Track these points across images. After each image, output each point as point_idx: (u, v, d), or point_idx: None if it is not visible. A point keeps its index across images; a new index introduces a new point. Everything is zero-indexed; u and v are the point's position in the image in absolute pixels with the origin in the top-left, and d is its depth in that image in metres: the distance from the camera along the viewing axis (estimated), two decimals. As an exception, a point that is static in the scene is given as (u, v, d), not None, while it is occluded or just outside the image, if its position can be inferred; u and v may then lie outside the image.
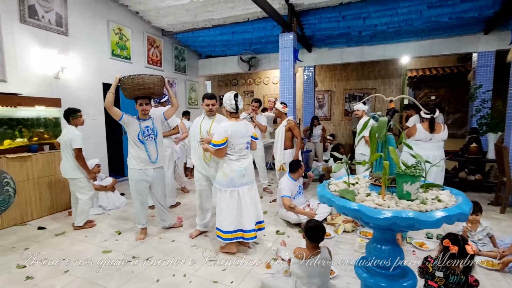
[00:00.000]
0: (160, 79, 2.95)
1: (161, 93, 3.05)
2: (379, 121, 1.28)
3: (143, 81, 2.83)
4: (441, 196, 1.33)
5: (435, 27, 5.20)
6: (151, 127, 3.04)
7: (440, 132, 3.49)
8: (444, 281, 1.71)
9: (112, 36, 5.41)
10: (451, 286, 1.71)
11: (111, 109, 2.97)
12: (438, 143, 3.53)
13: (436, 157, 3.42)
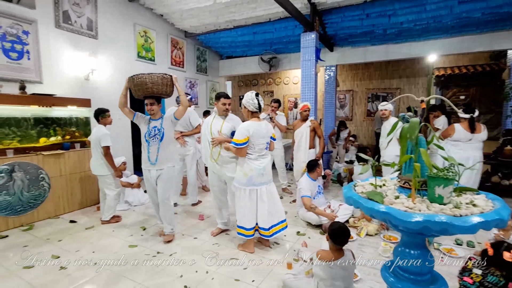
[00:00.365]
0: (162, 77, 2.81)
1: (166, 92, 2.91)
2: (410, 122, 1.24)
3: (141, 81, 2.78)
4: (477, 200, 1.28)
5: (466, 23, 4.94)
6: (158, 127, 2.94)
7: (480, 132, 3.43)
8: (481, 278, 1.67)
9: (138, 39, 5.61)
10: (487, 285, 1.65)
11: (123, 110, 3.04)
12: (478, 144, 3.46)
13: (476, 158, 3.39)
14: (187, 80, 7.02)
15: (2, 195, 3.27)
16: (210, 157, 2.98)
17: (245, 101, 2.72)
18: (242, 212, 2.76)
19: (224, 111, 2.95)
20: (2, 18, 3.63)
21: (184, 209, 4.14)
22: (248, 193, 2.73)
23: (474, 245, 2.88)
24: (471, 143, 3.43)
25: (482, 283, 1.66)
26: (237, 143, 2.63)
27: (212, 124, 2.98)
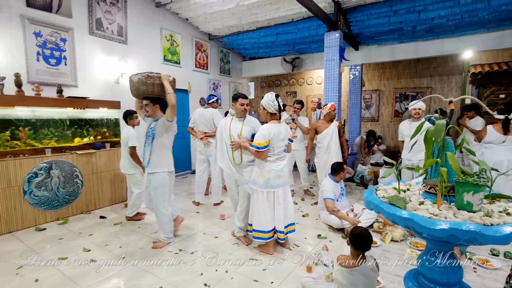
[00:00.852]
0: (146, 76, 2.65)
1: (153, 91, 2.74)
2: (436, 124, 1.18)
3: (131, 82, 2.76)
4: (511, 209, 1.18)
5: (505, 16, 4.58)
6: (153, 129, 2.88)
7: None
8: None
9: (164, 43, 5.82)
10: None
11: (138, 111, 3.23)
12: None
13: (511, 162, 3.25)
14: (210, 81, 7.17)
15: (41, 190, 3.54)
16: (232, 161, 2.87)
17: (265, 102, 2.68)
18: (259, 215, 2.73)
19: (243, 111, 2.88)
20: (43, 28, 3.93)
21: (207, 209, 4.22)
22: (265, 195, 2.71)
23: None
24: (505, 145, 3.31)
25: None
26: (259, 146, 2.59)
27: (231, 127, 2.88)
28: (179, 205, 4.40)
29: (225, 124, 2.94)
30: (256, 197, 2.75)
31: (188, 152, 6.66)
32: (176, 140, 6.30)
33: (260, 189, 2.71)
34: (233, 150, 2.84)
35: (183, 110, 6.57)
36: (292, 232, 2.90)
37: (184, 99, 6.56)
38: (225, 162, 2.93)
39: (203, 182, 4.37)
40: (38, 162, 3.52)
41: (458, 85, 6.93)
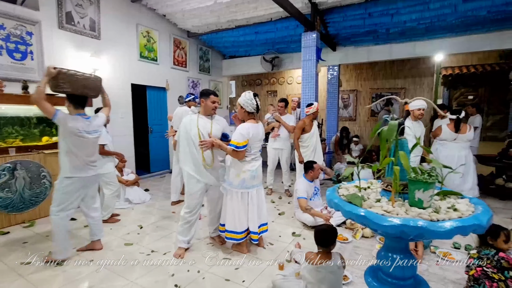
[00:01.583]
0: (58, 71, 2.40)
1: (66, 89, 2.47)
2: (389, 124, 1.22)
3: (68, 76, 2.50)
4: (458, 205, 1.25)
5: (472, 22, 4.82)
6: None
7: (465, 133, 3.69)
8: (478, 255, 1.92)
9: (141, 39, 5.67)
10: (483, 257, 1.88)
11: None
12: (464, 143, 3.73)
13: (461, 157, 3.69)
14: (189, 79, 7.07)
15: (4, 192, 3.36)
16: (203, 162, 2.65)
17: (243, 101, 2.61)
18: (233, 216, 2.70)
19: (213, 109, 2.70)
20: (7, 20, 3.72)
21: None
22: (240, 196, 2.68)
23: (472, 248, 2.82)
24: (456, 143, 3.73)
25: (480, 257, 1.90)
26: (238, 146, 2.52)
27: (199, 126, 2.64)
28: (156, 205, 4.32)
29: (190, 122, 2.66)
30: (230, 197, 2.71)
31: (166, 152, 6.54)
32: (154, 139, 6.25)
33: (235, 190, 2.68)
34: (204, 150, 2.64)
35: (161, 107, 6.44)
36: (265, 232, 2.91)
37: (162, 97, 6.43)
38: (191, 165, 2.66)
39: (177, 182, 4.29)
40: (1, 162, 3.34)
41: (430, 86, 7.23)
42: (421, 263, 2.56)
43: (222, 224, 2.85)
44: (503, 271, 1.78)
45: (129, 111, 5.59)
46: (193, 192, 2.70)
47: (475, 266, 1.87)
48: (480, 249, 1.94)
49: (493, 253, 1.85)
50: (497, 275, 1.76)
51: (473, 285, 1.85)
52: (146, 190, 4.91)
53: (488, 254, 1.86)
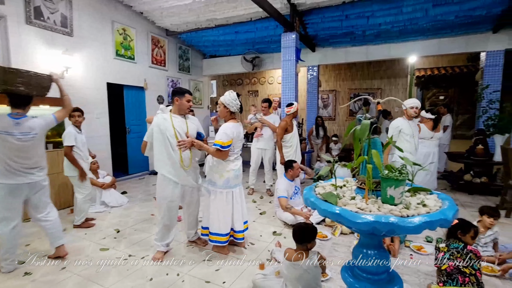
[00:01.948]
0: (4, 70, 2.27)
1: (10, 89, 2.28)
2: (361, 123, 1.26)
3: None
4: (427, 201, 1.30)
5: (441, 25, 5.07)
6: None
7: (439, 131, 4.06)
8: (447, 248, 1.99)
9: (117, 36, 5.48)
10: (453, 251, 1.96)
11: None
12: (437, 141, 4.06)
13: (435, 154, 4.02)
14: (169, 79, 6.93)
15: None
16: (181, 163, 2.56)
17: (227, 100, 2.58)
18: (218, 217, 2.67)
19: (188, 109, 2.62)
20: (-33, 13, 3.48)
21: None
22: (225, 196, 2.67)
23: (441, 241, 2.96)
24: (432, 141, 4.02)
25: (450, 251, 1.97)
26: (223, 145, 2.51)
27: (174, 125, 2.53)
28: (133, 208, 4.19)
29: (164, 122, 2.52)
30: (214, 198, 2.68)
31: (145, 152, 6.37)
32: (132, 140, 6.08)
33: (219, 190, 2.66)
34: (182, 151, 2.55)
35: (140, 107, 6.27)
36: (247, 230, 2.93)
37: (140, 97, 6.26)
38: (167, 167, 2.55)
39: None
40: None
41: (404, 87, 7.52)
42: (397, 256, 2.65)
43: (205, 227, 2.81)
44: (472, 263, 1.87)
45: (105, 111, 5.39)
46: (170, 196, 2.59)
47: (447, 260, 1.93)
48: (448, 242, 2.02)
49: (462, 246, 1.95)
50: (468, 269, 1.85)
51: (446, 280, 1.92)
52: (123, 193, 4.76)
53: (457, 247, 1.95)
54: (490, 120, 4.72)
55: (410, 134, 3.42)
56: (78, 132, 3.37)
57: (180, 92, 2.58)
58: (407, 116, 3.52)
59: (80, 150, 3.37)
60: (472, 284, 1.85)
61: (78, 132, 3.38)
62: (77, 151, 3.34)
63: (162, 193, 2.61)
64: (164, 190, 2.60)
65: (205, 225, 2.80)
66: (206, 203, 2.79)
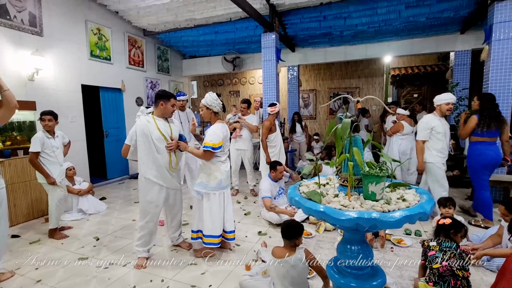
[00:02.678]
0: None
1: None
2: (342, 122, 1.28)
3: None
4: (406, 195, 1.35)
5: (413, 27, 5.30)
6: None
7: (415, 126, 4.18)
8: (439, 247, 1.97)
9: (91, 37, 5.28)
10: (445, 250, 1.94)
11: None
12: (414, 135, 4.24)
13: (413, 149, 4.14)
14: (147, 80, 6.76)
15: None
16: (169, 166, 2.58)
17: (209, 101, 2.56)
18: (212, 219, 2.61)
19: (172, 113, 2.65)
20: None
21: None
22: (218, 197, 2.64)
23: (420, 233, 3.10)
24: (412, 135, 4.25)
25: (442, 249, 1.96)
26: (215, 147, 2.48)
27: (160, 128, 2.51)
28: (113, 214, 4.05)
29: (148, 126, 2.48)
30: (207, 200, 2.61)
31: (125, 156, 6.17)
32: (111, 144, 5.87)
33: (213, 192, 2.61)
34: (170, 153, 2.57)
35: (117, 110, 6.06)
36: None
37: (117, 99, 6.06)
38: (153, 171, 2.52)
39: None
40: None
41: (381, 85, 7.79)
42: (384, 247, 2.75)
43: (197, 230, 2.72)
44: (464, 263, 1.87)
45: (81, 114, 5.17)
46: (155, 200, 2.57)
47: (441, 260, 1.90)
48: (439, 241, 2.00)
49: (455, 246, 1.94)
50: (461, 272, 1.83)
51: (437, 281, 1.89)
52: (102, 199, 4.59)
53: (450, 247, 1.92)
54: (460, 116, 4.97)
55: (442, 132, 3.19)
56: (48, 137, 3.15)
57: (165, 96, 2.55)
58: (439, 113, 3.21)
59: (49, 156, 3.15)
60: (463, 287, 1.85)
61: (48, 137, 3.16)
62: (46, 157, 3.13)
63: (146, 197, 2.56)
64: (148, 194, 2.55)
65: (197, 228, 2.72)
66: (197, 206, 2.69)
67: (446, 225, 2.05)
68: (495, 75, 3.96)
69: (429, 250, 2.01)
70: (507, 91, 3.92)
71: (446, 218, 2.09)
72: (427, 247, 2.04)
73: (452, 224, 2.05)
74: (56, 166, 3.23)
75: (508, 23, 3.81)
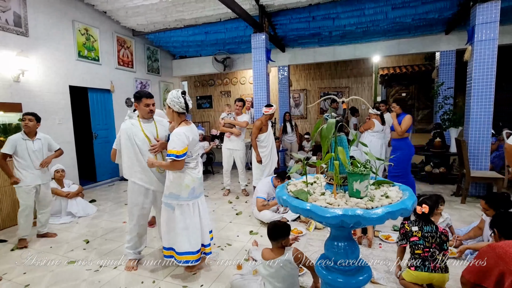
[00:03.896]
0: None
1: None
2: (327, 122, 1.32)
3: None
4: (390, 192, 1.40)
5: (400, 27, 5.41)
6: None
7: (385, 125, 4.65)
8: (421, 233, 2.04)
9: (78, 37, 5.20)
10: (427, 235, 2.02)
11: None
12: (383, 134, 4.66)
13: (383, 145, 4.62)
14: (137, 81, 6.70)
15: None
16: (156, 168, 2.51)
17: (170, 100, 2.26)
18: (187, 234, 2.33)
19: (149, 113, 2.49)
20: None
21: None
22: (191, 208, 2.37)
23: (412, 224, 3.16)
24: (383, 133, 4.63)
25: (423, 235, 2.02)
26: (178, 154, 2.16)
27: (144, 130, 2.46)
28: (103, 216, 4.01)
29: (132, 128, 2.44)
30: (180, 213, 2.32)
31: (114, 158, 6.11)
32: (100, 145, 5.80)
33: (185, 203, 2.34)
34: (156, 155, 2.51)
35: (107, 111, 5.99)
36: (212, 240, 2.62)
37: (106, 100, 5.98)
38: (138, 174, 2.47)
39: None
40: None
41: (370, 85, 7.91)
42: (372, 246, 2.80)
43: (168, 248, 2.39)
44: (442, 244, 1.99)
45: (69, 115, 5.09)
46: (141, 203, 2.53)
47: (423, 247, 1.98)
48: (421, 226, 2.07)
49: (434, 229, 2.02)
50: (441, 256, 1.94)
51: (419, 266, 1.99)
52: (92, 201, 4.53)
53: (431, 231, 2.02)
54: (446, 114, 5.11)
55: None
56: (24, 139, 3.05)
57: (137, 97, 2.46)
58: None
59: (22, 159, 3.03)
60: (441, 269, 1.96)
61: (25, 138, 3.05)
62: (18, 160, 3.02)
63: (133, 200, 2.53)
64: (135, 197, 2.52)
65: (168, 245, 2.39)
66: (166, 220, 2.39)
67: (426, 213, 2.10)
68: (478, 75, 4.08)
69: (411, 235, 2.09)
70: (489, 90, 4.05)
71: (422, 205, 2.11)
72: (409, 232, 2.11)
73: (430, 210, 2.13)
74: (30, 170, 3.06)
75: (489, 24, 3.94)
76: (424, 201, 2.18)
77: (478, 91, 4.10)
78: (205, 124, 9.05)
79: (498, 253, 1.42)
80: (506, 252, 1.39)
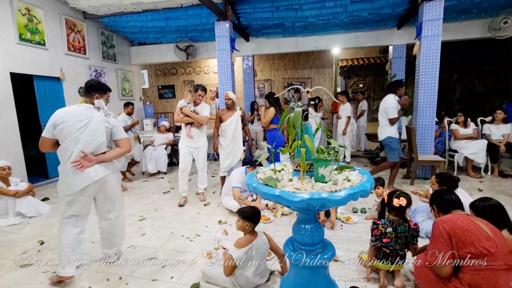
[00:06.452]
0: None
1: None
2: (295, 111, 1.37)
3: None
4: (351, 176, 1.51)
5: (358, 21, 5.69)
6: None
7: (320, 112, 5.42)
8: (394, 233, 2.00)
9: (18, 18, 4.63)
10: (400, 236, 2.00)
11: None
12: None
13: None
14: (91, 68, 6.20)
15: None
16: None
17: None
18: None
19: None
20: None
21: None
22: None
23: (365, 211, 3.45)
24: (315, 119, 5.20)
25: (397, 236, 1.99)
26: None
27: None
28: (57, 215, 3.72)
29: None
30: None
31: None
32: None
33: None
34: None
35: (57, 101, 5.47)
36: None
37: (56, 89, 5.46)
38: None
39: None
40: None
41: (331, 76, 8.24)
42: (334, 228, 2.98)
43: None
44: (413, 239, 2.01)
45: (11, 106, 4.57)
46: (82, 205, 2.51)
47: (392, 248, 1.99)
48: (394, 226, 2.00)
49: (407, 228, 1.99)
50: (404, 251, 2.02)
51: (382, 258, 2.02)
52: (45, 200, 4.18)
53: (404, 231, 1.98)
54: (398, 104, 5.54)
55: None
56: None
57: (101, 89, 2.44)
58: None
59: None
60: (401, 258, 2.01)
61: None
62: None
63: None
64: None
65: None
66: None
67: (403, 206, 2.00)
68: (425, 68, 4.48)
69: (384, 237, 2.00)
70: (434, 82, 4.48)
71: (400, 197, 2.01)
72: (383, 233, 2.00)
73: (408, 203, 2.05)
74: None
75: (435, 21, 4.31)
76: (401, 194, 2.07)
77: (424, 83, 4.51)
78: (168, 114, 8.73)
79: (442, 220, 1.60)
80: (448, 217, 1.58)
